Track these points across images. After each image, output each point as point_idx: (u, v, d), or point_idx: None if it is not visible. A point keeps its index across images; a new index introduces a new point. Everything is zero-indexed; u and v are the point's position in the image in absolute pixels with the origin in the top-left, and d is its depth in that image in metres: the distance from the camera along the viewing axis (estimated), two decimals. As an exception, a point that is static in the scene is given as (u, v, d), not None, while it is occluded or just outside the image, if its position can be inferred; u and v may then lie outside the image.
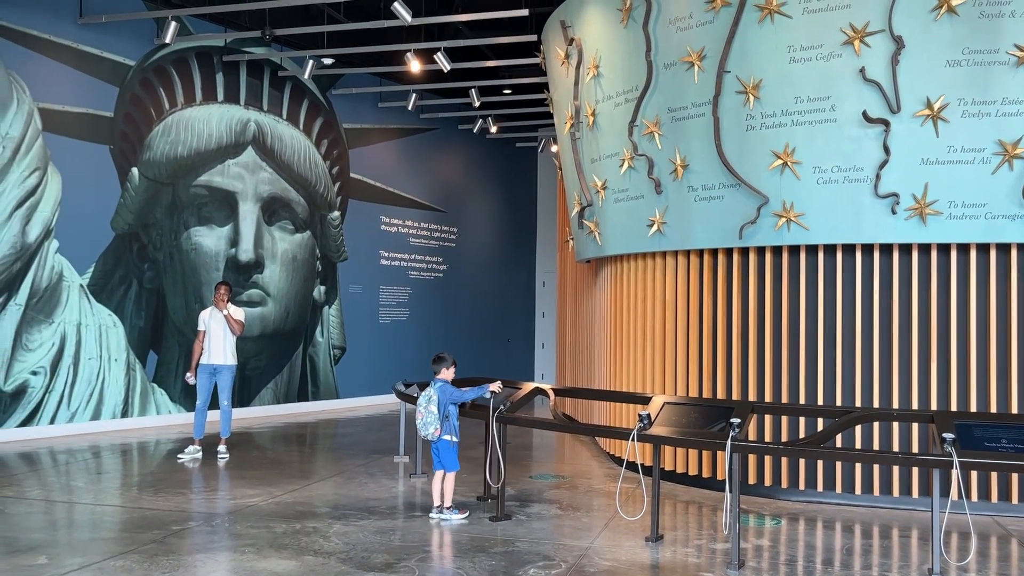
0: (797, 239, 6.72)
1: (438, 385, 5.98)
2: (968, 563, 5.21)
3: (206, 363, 8.31)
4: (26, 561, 4.90)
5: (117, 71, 9.97)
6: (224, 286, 8.44)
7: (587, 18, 8.14)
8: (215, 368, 8.32)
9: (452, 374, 6.09)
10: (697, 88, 7.02)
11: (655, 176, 7.39)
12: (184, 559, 4.97)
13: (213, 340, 8.29)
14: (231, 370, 8.40)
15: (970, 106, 6.21)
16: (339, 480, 7.34)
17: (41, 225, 9.22)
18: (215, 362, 8.31)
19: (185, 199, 10.56)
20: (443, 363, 6.06)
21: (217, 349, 8.31)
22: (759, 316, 7.12)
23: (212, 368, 8.32)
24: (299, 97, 11.97)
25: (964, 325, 6.56)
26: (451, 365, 6.08)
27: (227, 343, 8.35)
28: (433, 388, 5.97)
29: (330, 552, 5.16)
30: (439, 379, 6.03)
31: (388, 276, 13.59)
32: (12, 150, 8.99)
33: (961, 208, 6.28)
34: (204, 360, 8.31)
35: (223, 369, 8.33)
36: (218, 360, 8.31)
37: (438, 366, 6.06)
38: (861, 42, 6.35)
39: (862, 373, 6.74)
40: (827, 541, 5.77)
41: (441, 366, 6.06)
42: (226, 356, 8.35)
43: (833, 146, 6.50)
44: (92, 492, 6.73)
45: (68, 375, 9.44)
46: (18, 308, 9.03)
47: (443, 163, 14.66)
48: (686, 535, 5.81)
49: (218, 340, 8.30)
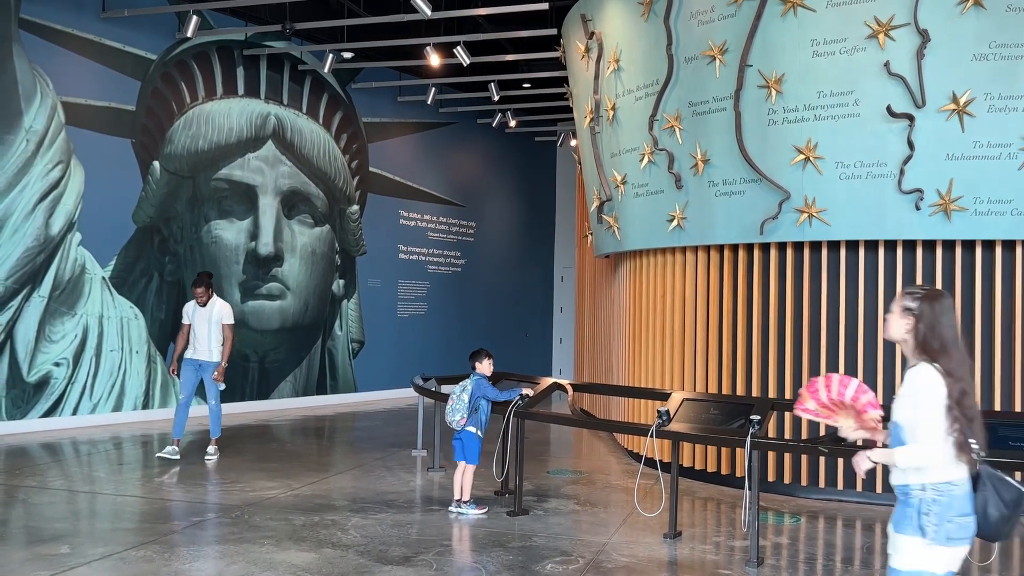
0: (819, 235, 6.66)
1: (475, 378, 6.08)
2: (991, 563, 5.15)
3: (191, 357, 7.74)
4: (49, 550, 4.96)
5: (139, 65, 10.04)
6: (200, 285, 7.71)
7: (607, 12, 8.09)
8: (200, 364, 7.71)
9: (489, 368, 6.18)
10: (718, 82, 6.96)
11: (675, 171, 7.34)
12: (204, 550, 5.01)
13: (198, 334, 7.70)
14: (217, 367, 7.75)
15: (996, 101, 6.12)
16: (357, 473, 7.37)
17: (64, 218, 9.31)
18: (200, 358, 7.71)
19: (206, 193, 10.62)
20: (479, 357, 6.18)
21: (202, 344, 7.70)
22: (780, 312, 7.07)
23: (197, 363, 7.72)
24: (319, 91, 11.99)
25: (988, 323, 6.47)
26: (487, 359, 6.18)
27: (212, 337, 7.69)
28: (470, 380, 6.07)
29: (348, 545, 5.18)
30: (477, 373, 6.12)
31: (406, 270, 13.61)
32: (36, 143, 9.07)
33: (987, 204, 6.20)
34: (189, 354, 7.76)
35: (208, 366, 7.71)
36: (203, 356, 7.70)
37: (475, 360, 6.17)
38: (886, 36, 6.27)
39: (884, 371, 6.67)
40: (847, 539, 5.72)
41: (477, 360, 6.16)
42: (211, 352, 7.71)
43: (856, 141, 6.43)
44: (114, 483, 6.80)
45: (90, 367, 9.53)
46: (41, 300, 9.12)
47: (462, 157, 14.66)
48: (704, 532, 5.78)
49: (203, 334, 7.68)
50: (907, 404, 2.83)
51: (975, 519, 2.80)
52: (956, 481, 2.79)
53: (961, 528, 2.77)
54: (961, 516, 2.77)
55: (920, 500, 2.79)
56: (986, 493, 2.80)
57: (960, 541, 2.78)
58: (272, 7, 10.55)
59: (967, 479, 2.82)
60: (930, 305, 2.86)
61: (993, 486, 2.80)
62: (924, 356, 2.84)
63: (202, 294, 7.68)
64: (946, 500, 2.77)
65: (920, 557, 2.78)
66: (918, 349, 2.86)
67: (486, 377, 6.12)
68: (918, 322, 2.86)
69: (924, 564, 2.78)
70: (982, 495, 2.80)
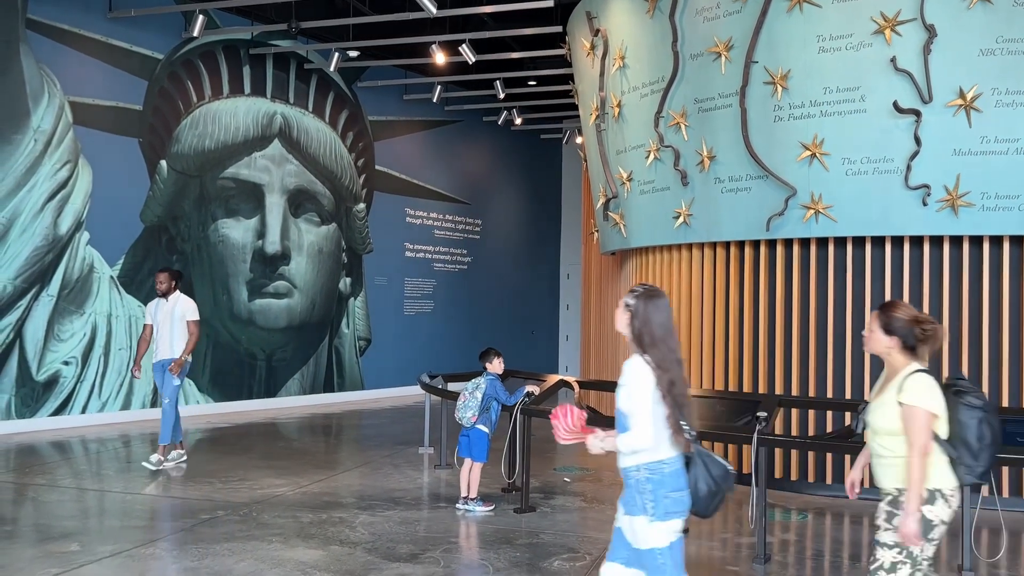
0: (825, 231, 6.65)
1: (488, 378, 6.10)
2: (999, 560, 5.13)
3: (156, 360, 7.40)
4: (59, 548, 4.99)
5: (146, 65, 10.07)
6: (163, 272, 7.44)
7: (613, 9, 8.08)
8: (164, 363, 7.32)
9: (500, 367, 6.22)
10: (724, 79, 6.95)
11: (681, 168, 7.34)
12: (213, 547, 5.03)
13: (160, 332, 7.34)
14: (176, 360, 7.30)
15: (1004, 96, 6.10)
16: (364, 471, 7.39)
17: (72, 217, 9.35)
18: (163, 357, 7.33)
19: (212, 191, 10.65)
20: (489, 357, 6.22)
21: (164, 343, 7.33)
22: (786, 309, 7.06)
23: (162, 364, 7.34)
24: (325, 90, 12.01)
25: (996, 318, 6.45)
26: (497, 358, 6.21)
27: (175, 335, 7.29)
28: (483, 379, 6.10)
29: (356, 542, 5.20)
30: (489, 373, 6.15)
31: (413, 268, 13.63)
32: (44, 143, 9.11)
33: (994, 199, 6.18)
34: (155, 357, 7.42)
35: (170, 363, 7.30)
36: (165, 355, 7.32)
37: (485, 360, 6.21)
38: (892, 31, 6.25)
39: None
40: (854, 536, 5.72)
41: (487, 360, 6.20)
42: (173, 349, 7.30)
43: (863, 137, 6.41)
44: (122, 481, 6.83)
45: (99, 365, 9.58)
46: (50, 299, 9.17)
47: (468, 155, 14.66)
48: (711, 529, 5.78)
49: (165, 332, 7.32)
50: (622, 393, 3.08)
51: (688, 494, 3.05)
52: (666, 460, 3.04)
53: (676, 502, 3.02)
54: (675, 491, 3.03)
55: (636, 480, 3.05)
56: (697, 470, 3.06)
57: (676, 514, 3.03)
58: (278, 6, 10.57)
59: (678, 458, 3.07)
60: (644, 303, 3.09)
61: (703, 463, 3.07)
62: (638, 348, 3.08)
63: (163, 280, 7.36)
64: (658, 478, 3.02)
65: (651, 534, 3.01)
66: (634, 342, 3.10)
67: (498, 376, 6.15)
68: (633, 318, 3.09)
69: (655, 540, 3.01)
70: (694, 472, 3.06)
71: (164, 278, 7.39)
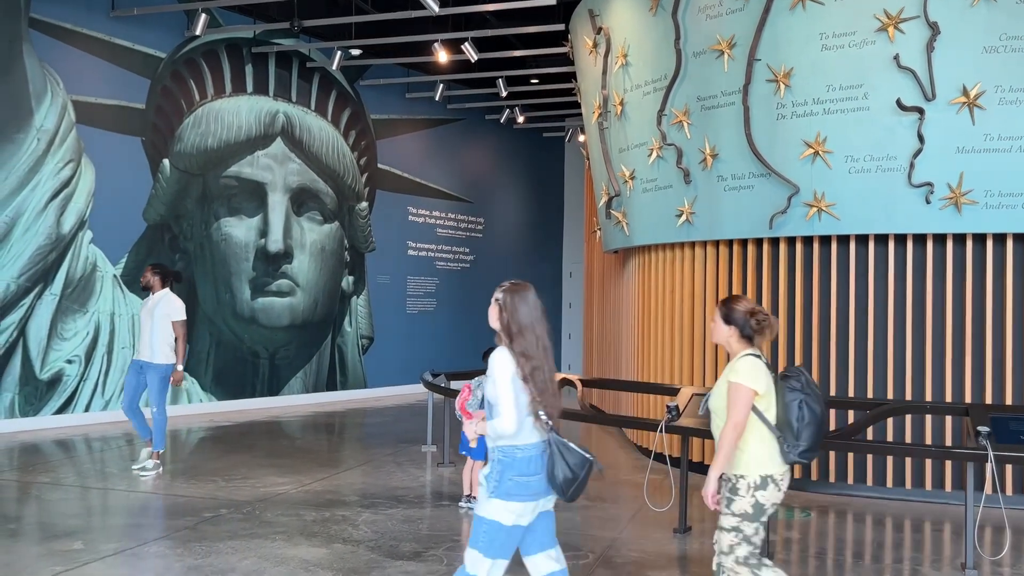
0: (828, 229, 6.64)
1: None
2: (1002, 558, 5.13)
3: (134, 358, 7.21)
4: (62, 546, 5.00)
5: (148, 63, 10.08)
6: (149, 267, 7.23)
7: (615, 7, 8.07)
8: (141, 365, 7.02)
9: None
10: (727, 77, 6.94)
11: (684, 166, 7.33)
12: (216, 545, 5.04)
13: (142, 331, 7.08)
14: (159, 370, 6.96)
15: (1007, 93, 6.09)
16: (367, 469, 7.40)
17: (75, 216, 9.36)
18: (142, 358, 7.02)
19: (215, 190, 10.66)
20: None
21: (144, 342, 7.02)
22: (789, 307, 7.05)
23: (139, 365, 7.04)
24: (327, 88, 12.02)
25: (1000, 316, 6.44)
26: None
27: (155, 335, 6.94)
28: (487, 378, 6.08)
29: (359, 540, 5.20)
30: None
31: (415, 266, 13.63)
32: (47, 142, 9.12)
33: (997, 197, 6.17)
34: (136, 354, 7.29)
35: (150, 368, 6.95)
36: (144, 356, 6.99)
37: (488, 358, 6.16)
38: (895, 28, 6.24)
39: (894, 365, 6.65)
40: (858, 534, 5.71)
41: None
42: (153, 352, 6.94)
43: (866, 135, 6.40)
44: (126, 479, 6.84)
45: (102, 364, 9.59)
46: (53, 298, 9.18)
47: (470, 153, 14.66)
48: (714, 527, 5.77)
49: (145, 331, 7.01)
50: (488, 383, 3.31)
51: (539, 479, 3.21)
52: (521, 446, 3.21)
53: (519, 486, 3.18)
54: (520, 476, 3.19)
55: (491, 460, 3.26)
56: (554, 458, 3.20)
57: (520, 497, 3.19)
58: (280, 4, 10.57)
59: (536, 445, 3.23)
60: (511, 296, 3.31)
61: (559, 451, 3.20)
62: (507, 340, 3.28)
63: (145, 275, 7.16)
64: (508, 461, 3.20)
65: (486, 507, 3.20)
66: (503, 333, 3.30)
67: None
68: (502, 311, 3.30)
69: (493, 514, 3.19)
70: (551, 460, 3.21)
71: (147, 273, 7.16)
